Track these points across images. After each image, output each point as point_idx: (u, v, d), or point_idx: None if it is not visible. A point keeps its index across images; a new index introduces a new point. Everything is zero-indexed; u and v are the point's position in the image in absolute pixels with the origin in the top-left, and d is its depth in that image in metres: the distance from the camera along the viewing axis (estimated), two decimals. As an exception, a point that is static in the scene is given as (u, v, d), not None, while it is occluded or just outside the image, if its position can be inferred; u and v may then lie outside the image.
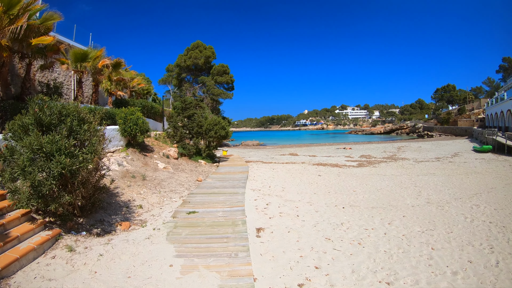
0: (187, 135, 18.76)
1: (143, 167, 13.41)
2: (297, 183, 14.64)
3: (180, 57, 53.02)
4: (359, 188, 13.62)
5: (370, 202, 11.08)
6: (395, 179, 16.11)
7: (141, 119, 14.72)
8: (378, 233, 7.79)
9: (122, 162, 13.26)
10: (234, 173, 16.15)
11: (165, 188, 11.22)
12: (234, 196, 10.61)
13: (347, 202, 10.89)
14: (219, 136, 18.12)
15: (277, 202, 10.80)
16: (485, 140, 34.87)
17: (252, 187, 13.50)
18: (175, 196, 10.71)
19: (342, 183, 14.71)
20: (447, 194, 12.73)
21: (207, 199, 10.20)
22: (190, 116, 18.57)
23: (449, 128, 66.36)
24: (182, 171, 14.66)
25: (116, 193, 9.86)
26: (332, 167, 20.99)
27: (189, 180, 13.38)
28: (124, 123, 14.55)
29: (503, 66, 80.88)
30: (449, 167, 20.30)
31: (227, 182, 13.52)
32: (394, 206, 10.56)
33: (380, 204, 10.82)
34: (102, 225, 7.50)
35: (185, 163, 16.54)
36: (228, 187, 12.27)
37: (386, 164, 22.37)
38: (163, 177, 12.64)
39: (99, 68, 18.53)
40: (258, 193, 12.35)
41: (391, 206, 10.54)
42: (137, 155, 14.49)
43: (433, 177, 16.75)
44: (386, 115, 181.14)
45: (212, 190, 11.72)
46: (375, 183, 14.90)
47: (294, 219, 8.80)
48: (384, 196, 12.14)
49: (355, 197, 11.74)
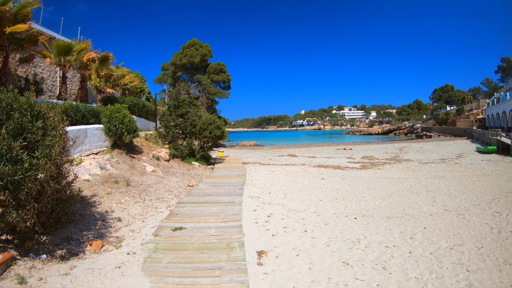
0: (180, 135, 17.40)
1: (128, 171, 12.09)
2: (300, 188, 13.36)
3: (175, 55, 51.60)
4: (368, 193, 12.39)
5: (383, 210, 9.84)
6: (404, 182, 14.93)
7: (128, 117, 13.38)
8: (402, 251, 6.53)
9: (105, 165, 11.93)
10: (230, 177, 14.82)
11: (151, 196, 9.85)
12: (229, 207, 9.20)
13: (358, 211, 9.61)
14: (214, 136, 16.75)
15: (280, 213, 9.43)
16: (487, 141, 34.33)
17: (251, 193, 12.13)
18: (161, 205, 9.34)
19: (348, 188, 13.47)
20: (463, 199, 11.66)
21: (197, 210, 8.77)
22: (183, 114, 17.20)
23: (447, 129, 65.66)
24: (172, 174, 13.31)
25: (92, 202, 8.53)
26: (335, 169, 19.77)
27: (179, 185, 12.02)
28: (108, 121, 13.20)
29: (501, 67, 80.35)
30: (457, 169, 19.23)
31: (222, 188, 12.18)
32: (411, 216, 9.35)
33: (395, 213, 9.58)
34: (68, 245, 6.17)
35: (177, 165, 15.19)
36: (223, 195, 10.91)
37: (391, 166, 21.21)
38: (151, 182, 11.31)
39: (85, 63, 17.17)
40: (257, 201, 10.97)
41: (407, 216, 9.32)
42: (123, 157, 13.17)
43: (443, 180, 15.64)
44: (383, 116, 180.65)
45: (204, 198, 10.32)
46: (384, 187, 13.69)
47: (302, 236, 7.43)
48: (397, 203, 10.92)
49: (365, 205, 10.49)
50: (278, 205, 10.41)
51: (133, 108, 20.96)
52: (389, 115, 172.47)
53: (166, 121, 16.98)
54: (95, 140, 13.08)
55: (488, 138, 33.57)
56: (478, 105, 72.76)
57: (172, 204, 9.50)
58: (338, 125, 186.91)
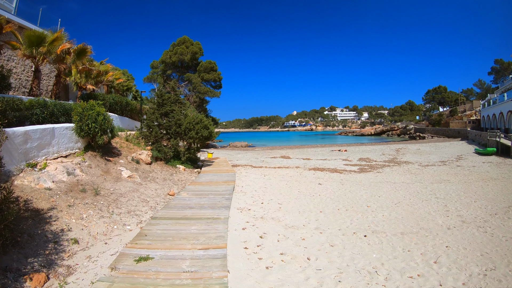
0: (164, 135, 15.82)
1: (101, 176, 10.54)
2: (296, 196, 11.92)
3: (165, 53, 49.84)
4: (373, 201, 11.04)
5: (394, 224, 8.48)
6: (409, 188, 13.68)
7: (102, 116, 11.80)
8: (432, 284, 5.16)
9: (74, 170, 10.37)
10: (217, 183, 13.14)
11: (121, 208, 8.28)
12: (213, 225, 7.46)
13: (366, 226, 8.21)
14: (200, 136, 15.15)
15: (275, 231, 7.85)
16: (485, 142, 33.74)
17: (240, 204, 10.51)
18: (131, 221, 7.79)
19: (350, 195, 12.11)
20: (477, 208, 10.51)
21: (173, 229, 7.05)
22: (168, 113, 15.61)
23: (441, 130, 65.16)
24: (152, 180, 11.73)
25: (48, 217, 6.98)
26: (332, 172, 18.43)
27: (158, 194, 10.44)
28: (80, 120, 11.62)
29: (495, 68, 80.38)
30: (461, 173, 18.13)
31: (206, 197, 10.44)
32: (427, 230, 8.03)
33: (409, 227, 8.23)
34: (4, 279, 4.68)
35: (159, 169, 13.61)
36: (207, 207, 9.11)
37: (391, 169, 19.98)
38: (125, 190, 9.75)
39: (60, 55, 15.51)
40: (247, 215, 9.31)
41: (423, 230, 7.99)
42: (97, 161, 11.61)
43: (450, 185, 14.50)
44: (375, 117, 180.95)
45: (184, 212, 8.54)
46: (389, 194, 12.38)
47: (304, 267, 5.82)
48: (407, 213, 9.60)
49: (373, 217, 9.11)
50: (273, 220, 8.82)
51: (114, 106, 19.34)
52: (381, 116, 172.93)
53: (148, 120, 15.39)
54: (64, 141, 11.49)
55: (486, 139, 32.91)
56: (472, 106, 72.58)
57: (145, 220, 7.92)
58: (330, 126, 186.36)
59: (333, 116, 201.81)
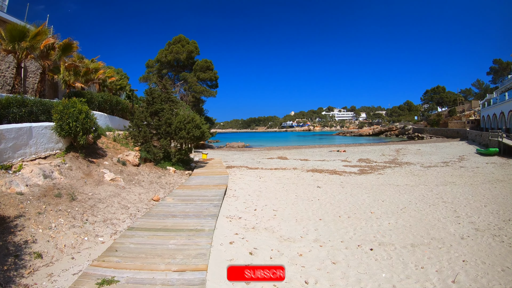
0: (155, 135, 14.90)
1: (81, 180, 9.66)
2: (293, 201, 11.02)
3: (161, 52, 48.84)
4: (376, 207, 10.20)
5: (403, 234, 7.63)
6: (414, 191, 12.89)
7: (84, 114, 10.91)
8: (454, 313, 4.34)
9: (52, 173, 9.50)
10: (208, 186, 12.06)
11: (97, 216, 7.37)
12: (195, 238, 6.37)
13: (371, 236, 7.35)
14: (192, 136, 14.22)
15: (268, 246, 6.78)
16: (486, 143, 33.07)
17: (230, 212, 9.46)
18: (105, 232, 6.88)
19: (351, 200, 11.25)
20: (489, 213, 9.77)
21: (148, 244, 6.03)
22: (157, 112, 14.72)
23: (440, 130, 64.58)
24: (137, 184, 10.82)
25: (13, 226, 6.11)
26: (331, 174, 17.59)
27: (141, 199, 9.51)
28: (60, 118, 10.74)
29: (493, 68, 79.95)
30: (466, 174, 17.40)
31: (192, 203, 9.40)
32: (439, 241, 7.21)
33: (418, 237, 7.40)
34: None
35: (147, 171, 12.71)
36: (191, 215, 8.10)
37: (392, 170, 19.18)
38: (105, 194, 8.86)
39: (43, 50, 14.62)
40: (237, 225, 8.24)
41: (435, 241, 7.17)
42: (79, 162, 10.73)
43: (456, 187, 13.76)
44: (372, 117, 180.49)
45: (164, 221, 7.54)
46: (393, 198, 11.56)
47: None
48: (415, 220, 8.77)
49: (378, 225, 8.26)
50: (266, 231, 7.80)
51: (104, 104, 18.42)
52: (379, 117, 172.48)
53: (137, 119, 14.48)
54: (43, 141, 10.61)
55: (488, 139, 32.31)
56: (470, 106, 72.09)
57: (121, 230, 7.01)
58: (328, 126, 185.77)
59: (331, 116, 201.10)
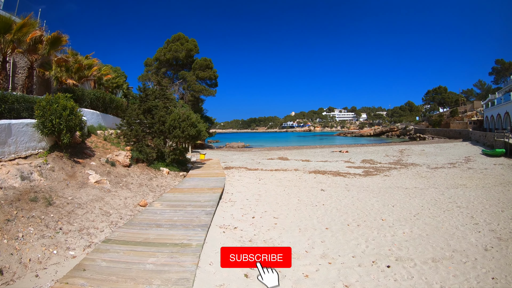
0: (148, 134, 14.00)
1: (63, 182, 8.79)
2: (295, 206, 10.09)
3: (159, 50, 48.02)
4: (387, 213, 9.31)
5: (420, 245, 6.73)
6: (424, 195, 12.02)
7: (68, 110, 10.04)
8: None
9: (31, 174, 8.64)
10: (202, 190, 10.93)
11: (73, 224, 6.47)
12: (178, 256, 5.25)
13: (386, 249, 6.44)
14: (187, 135, 13.27)
15: None
16: (490, 143, 32.49)
17: (224, 220, 8.41)
18: (78, 244, 5.94)
19: (359, 204, 10.35)
20: (508, 219, 8.92)
21: (122, 262, 4.97)
22: (151, 109, 13.83)
23: (442, 131, 63.82)
24: (124, 186, 9.91)
25: (-31, 238, 5.26)
26: (334, 176, 16.71)
27: (126, 204, 8.58)
28: (43, 115, 9.87)
29: (495, 68, 78.97)
30: (475, 176, 16.54)
31: (182, 210, 8.31)
32: (461, 253, 6.33)
33: (438, 249, 6.50)
34: None
35: (138, 173, 11.82)
36: (179, 225, 7.00)
37: (398, 172, 18.31)
38: (86, 199, 7.97)
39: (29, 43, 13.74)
40: (231, 237, 7.18)
41: (457, 254, 6.29)
42: (63, 163, 9.86)
43: (468, 190, 12.91)
44: (373, 118, 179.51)
45: (147, 232, 6.49)
46: (403, 203, 10.68)
47: None
48: (432, 229, 7.89)
49: (391, 235, 7.36)
50: (265, 245, 6.76)
51: (96, 102, 17.53)
52: (380, 117, 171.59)
53: (129, 117, 13.58)
54: (24, 139, 9.76)
55: (493, 140, 31.56)
56: (472, 107, 71.35)
57: (97, 242, 6.08)
58: (328, 127, 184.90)
59: (331, 117, 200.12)
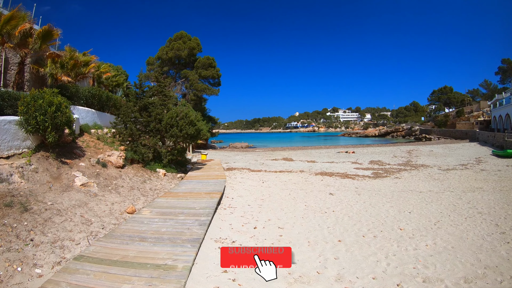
0: (143, 133, 13.13)
1: (46, 184, 7.97)
2: (303, 213, 9.09)
3: (161, 49, 47.27)
4: (404, 220, 8.36)
5: (448, 261, 5.76)
6: (441, 199, 11.07)
7: (54, 106, 9.23)
8: None
9: (11, 176, 7.86)
10: (198, 194, 9.92)
11: (47, 235, 5.59)
12: (157, 284, 4.25)
13: (411, 267, 5.47)
14: (185, 134, 12.37)
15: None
16: (499, 144, 31.55)
17: (221, 232, 7.28)
18: (48, 259, 5.03)
19: (372, 210, 9.42)
20: (537, 227, 8.04)
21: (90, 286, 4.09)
22: (147, 106, 12.99)
23: (448, 131, 62.63)
24: (113, 190, 9.04)
25: None
26: (342, 178, 15.76)
27: (112, 210, 7.71)
28: (27, 111, 9.07)
29: (502, 68, 77.37)
30: (490, 178, 15.55)
31: (173, 220, 7.25)
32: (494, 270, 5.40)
33: (469, 266, 5.56)
34: None
35: (131, 174, 10.96)
36: (165, 239, 5.96)
37: (409, 173, 17.34)
38: (67, 204, 7.13)
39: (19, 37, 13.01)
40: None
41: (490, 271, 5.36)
42: (48, 164, 9.04)
43: (486, 194, 11.96)
44: (378, 118, 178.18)
45: (127, 247, 5.49)
46: (420, 208, 9.73)
47: None
48: (456, 240, 6.95)
49: (413, 248, 6.39)
50: None
51: (91, 100, 16.74)
52: (384, 118, 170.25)
53: (123, 114, 12.75)
54: (7, 138, 8.98)
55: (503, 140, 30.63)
56: (479, 107, 70.03)
57: (69, 258, 5.16)
58: (332, 127, 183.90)
59: (335, 117, 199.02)
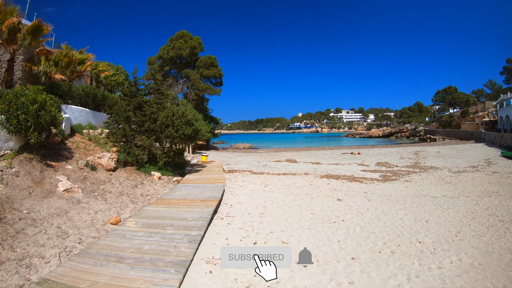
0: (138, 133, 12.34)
1: (27, 190, 7.21)
2: (309, 224, 8.21)
3: (163, 48, 46.59)
4: (422, 231, 7.50)
5: (477, 281, 4.92)
6: (457, 205, 10.22)
7: (38, 104, 8.48)
8: None
9: (-14, 181, 7.11)
10: (193, 202, 8.90)
11: (16, 250, 4.69)
12: None
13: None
14: (181, 135, 11.57)
15: None
16: (507, 144, 31.13)
17: (215, 250, 6.19)
18: (9, 282, 4.12)
19: (385, 219, 8.55)
20: None
21: None
22: (141, 105, 12.22)
23: (453, 132, 61.57)
24: (100, 196, 8.25)
25: None
26: (350, 181, 14.89)
27: (95, 220, 6.87)
28: (8, 110, 8.33)
29: (507, 68, 76.20)
30: (505, 181, 14.71)
31: (160, 233, 6.30)
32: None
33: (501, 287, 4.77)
34: None
35: (123, 178, 10.16)
36: (146, 260, 4.97)
37: (419, 176, 16.46)
38: (45, 213, 6.35)
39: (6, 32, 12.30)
40: (220, 281, 4.90)
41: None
42: (31, 167, 8.28)
43: (503, 199, 11.19)
44: (381, 119, 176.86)
45: (99, 270, 4.60)
46: (437, 216, 8.88)
47: None
48: (482, 254, 6.11)
49: (437, 266, 5.52)
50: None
51: (85, 99, 15.97)
52: (388, 118, 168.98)
53: (116, 113, 11.98)
54: (-15, 139, 8.28)
55: (511, 141, 30.05)
56: (484, 107, 68.94)
57: (34, 281, 4.24)
58: (336, 128, 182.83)
59: (338, 118, 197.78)
